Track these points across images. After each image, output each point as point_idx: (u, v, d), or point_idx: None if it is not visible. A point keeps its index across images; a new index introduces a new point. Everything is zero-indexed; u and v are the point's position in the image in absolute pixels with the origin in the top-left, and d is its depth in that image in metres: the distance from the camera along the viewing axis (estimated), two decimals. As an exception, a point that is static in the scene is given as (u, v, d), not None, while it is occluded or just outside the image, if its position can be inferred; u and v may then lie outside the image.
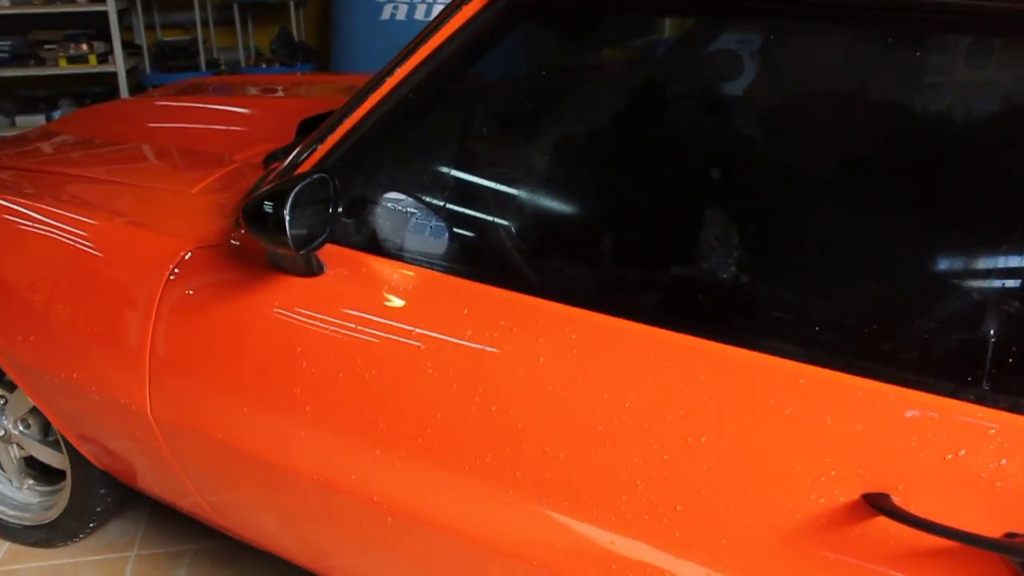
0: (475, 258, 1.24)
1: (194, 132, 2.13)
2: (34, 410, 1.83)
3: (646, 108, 1.24)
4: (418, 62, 1.22)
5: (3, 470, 2.00)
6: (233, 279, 1.33)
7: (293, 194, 1.11)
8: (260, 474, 1.36)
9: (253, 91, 2.59)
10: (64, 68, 4.45)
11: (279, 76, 3.09)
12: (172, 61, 4.57)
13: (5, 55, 4.53)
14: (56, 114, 4.58)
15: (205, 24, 4.77)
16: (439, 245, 1.23)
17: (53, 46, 4.50)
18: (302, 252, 1.14)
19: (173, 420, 1.41)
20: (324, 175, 1.17)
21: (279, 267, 1.29)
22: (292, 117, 2.07)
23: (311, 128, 1.42)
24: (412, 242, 1.24)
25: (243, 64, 4.65)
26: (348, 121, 1.27)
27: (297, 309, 1.27)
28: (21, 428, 1.89)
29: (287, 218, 1.10)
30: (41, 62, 4.51)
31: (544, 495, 1.07)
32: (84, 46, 4.45)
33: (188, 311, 1.36)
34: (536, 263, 1.20)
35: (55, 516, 1.94)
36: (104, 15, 4.38)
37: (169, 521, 2.09)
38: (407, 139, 1.26)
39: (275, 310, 1.28)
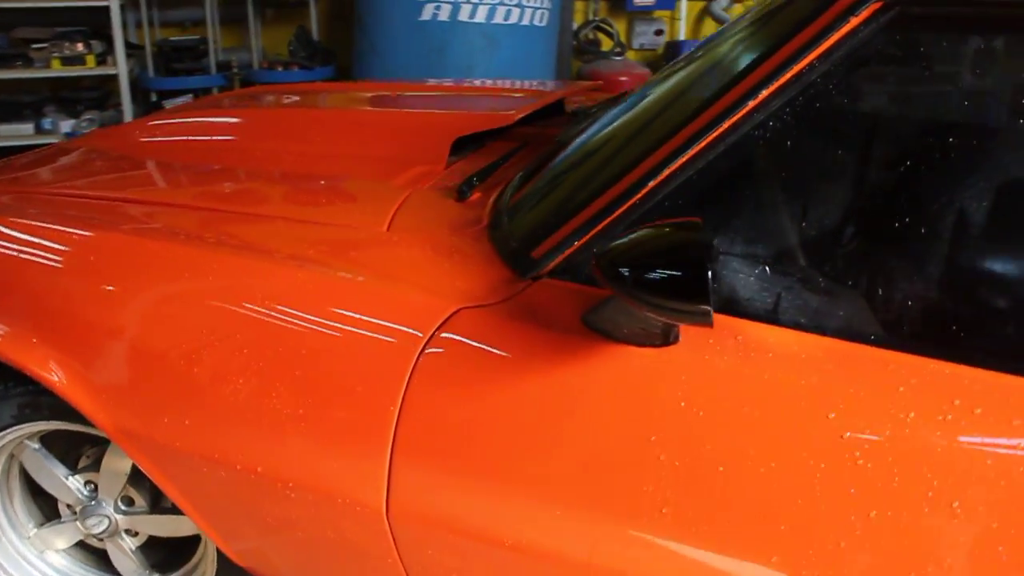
0: (900, 321, 0.98)
1: (313, 152, 1.81)
2: (131, 478, 1.50)
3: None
4: (779, 84, 0.95)
5: None
6: (531, 347, 1.04)
7: (704, 252, 0.85)
8: None
9: (339, 102, 2.27)
10: (58, 70, 4.01)
11: (348, 85, 2.75)
12: (178, 63, 4.16)
13: None
14: (46, 123, 4.13)
15: (205, 22, 4.37)
16: (840, 305, 0.97)
17: (43, 45, 4.06)
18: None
19: (422, 522, 1.12)
20: (697, 223, 0.90)
21: (603, 332, 1.01)
22: (422, 133, 1.80)
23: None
24: (799, 302, 0.97)
25: (256, 67, 4.28)
26: (675, 153, 0.99)
27: (647, 385, 1.00)
28: (124, 507, 1.55)
29: (709, 282, 0.83)
30: (29, 63, 4.06)
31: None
32: (80, 46, 4.02)
33: (462, 388, 1.07)
34: (995, 328, 0.94)
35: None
36: (96, 11, 3.96)
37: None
38: (775, 174, 1.00)
39: (607, 387, 1.01)
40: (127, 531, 1.55)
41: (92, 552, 1.66)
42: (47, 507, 1.65)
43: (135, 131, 2.07)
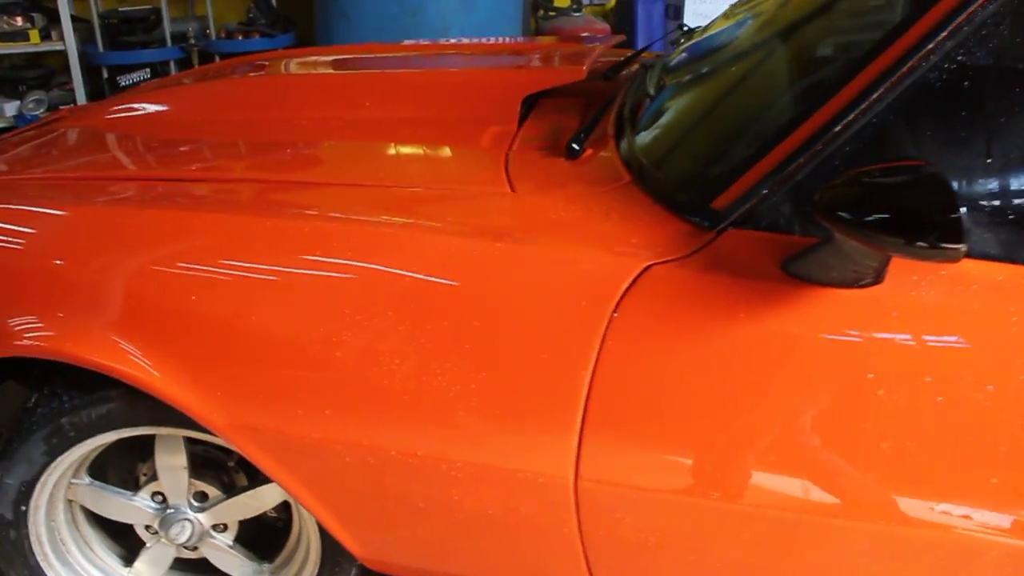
0: None
1: (366, 118, 1.71)
2: (193, 471, 1.42)
3: None
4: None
5: None
6: (732, 299, 1.01)
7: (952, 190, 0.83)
8: (758, 534, 1.08)
9: (371, 66, 2.14)
10: (-3, 48, 3.71)
11: (353, 48, 2.56)
12: (129, 36, 3.89)
13: None
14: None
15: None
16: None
17: None
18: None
19: (615, 490, 1.09)
20: (924, 164, 0.87)
21: (807, 277, 0.99)
22: (481, 92, 1.72)
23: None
24: (995, 234, 0.96)
25: (214, 37, 4.03)
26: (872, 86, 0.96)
27: (862, 325, 0.99)
28: (198, 503, 1.45)
29: (962, 219, 0.81)
30: None
31: None
32: (19, 19, 3.72)
33: (661, 345, 1.03)
34: None
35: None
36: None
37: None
38: (975, 100, 0.97)
39: (819, 330, 0.99)
40: (214, 527, 1.46)
41: (194, 568, 1.57)
42: (128, 542, 1.54)
43: (150, 106, 1.90)
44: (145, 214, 1.28)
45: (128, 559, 1.53)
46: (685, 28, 2.05)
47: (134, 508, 1.45)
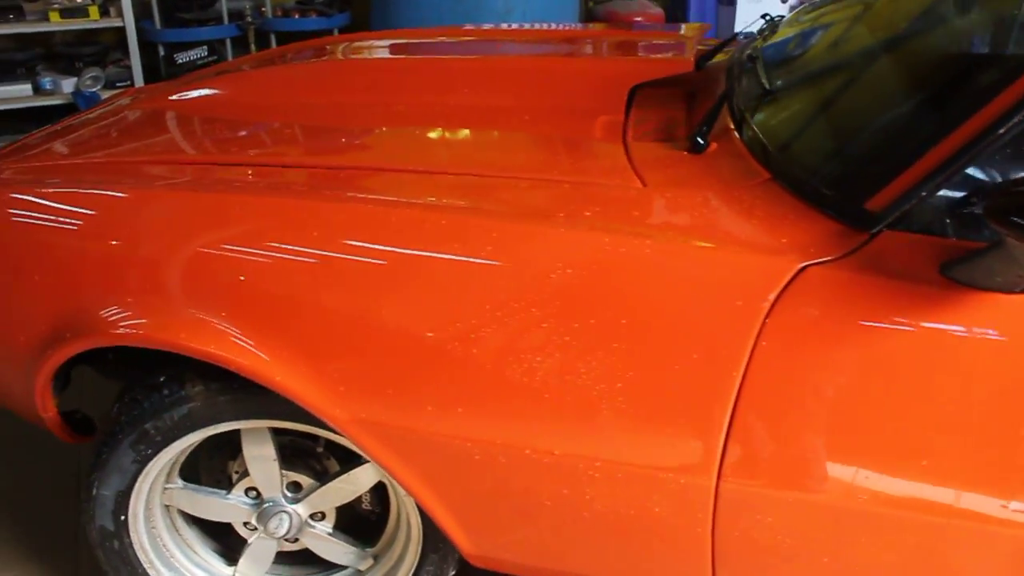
0: None
1: (468, 104, 1.69)
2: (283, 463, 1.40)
3: None
4: None
5: None
6: (892, 302, 0.99)
7: None
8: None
9: (461, 51, 2.11)
10: (57, 23, 3.69)
11: (423, 32, 2.50)
12: (186, 13, 3.88)
13: None
14: (45, 82, 3.81)
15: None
16: None
17: None
18: None
19: (758, 490, 1.08)
20: None
21: (969, 282, 0.96)
22: (586, 81, 1.69)
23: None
24: None
25: (270, 15, 4.01)
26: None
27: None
28: (293, 494, 1.44)
29: None
30: (22, 17, 3.73)
31: None
32: (78, -6, 3.71)
33: (817, 346, 1.02)
34: None
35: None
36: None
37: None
38: None
39: (985, 338, 0.98)
40: (312, 517, 1.45)
41: (297, 560, 1.56)
42: (230, 541, 1.54)
43: (218, 90, 1.87)
44: (263, 201, 1.25)
45: (231, 558, 1.53)
46: (769, 18, 2.00)
47: (230, 506, 1.44)
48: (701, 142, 1.32)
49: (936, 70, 1.20)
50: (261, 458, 1.38)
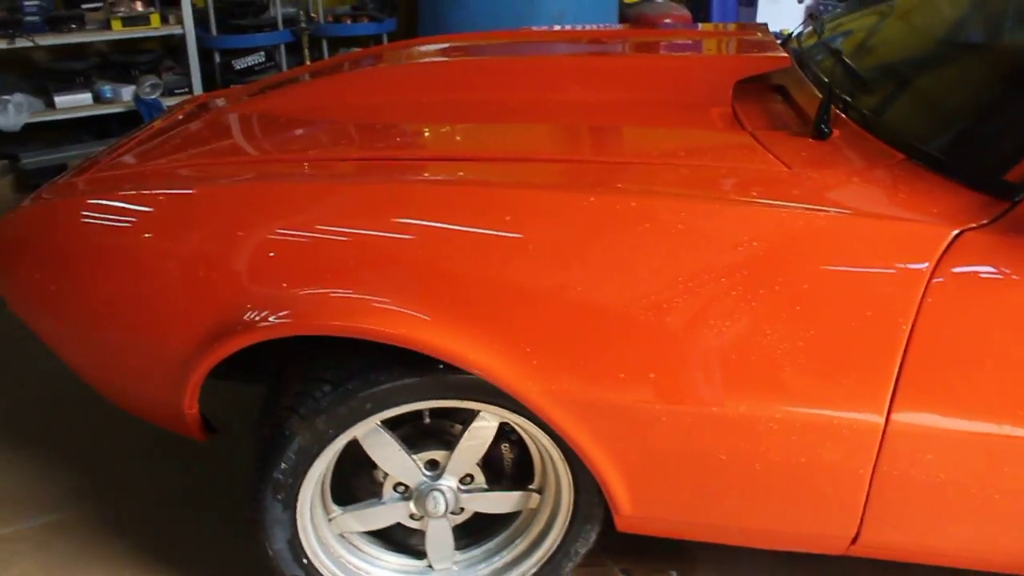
0: None
1: (592, 100, 1.80)
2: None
3: None
4: None
5: None
6: None
7: None
8: None
9: (568, 52, 2.23)
10: (119, 32, 3.78)
11: (514, 34, 2.60)
12: (241, 20, 3.99)
13: (35, 18, 3.74)
14: (105, 91, 3.89)
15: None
16: None
17: (97, 5, 3.84)
18: None
19: (921, 431, 1.22)
20: None
21: None
22: (690, 77, 1.81)
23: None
24: None
25: (322, 21, 4.12)
26: None
27: None
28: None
29: None
30: (83, 25, 3.82)
31: None
32: (138, 4, 3.81)
33: (976, 304, 1.16)
34: None
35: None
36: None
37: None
38: None
39: None
40: (462, 483, 1.51)
41: (479, 528, 1.62)
42: (406, 538, 1.61)
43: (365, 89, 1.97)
44: (457, 190, 1.34)
45: (418, 553, 1.59)
46: (817, 16, 2.14)
47: (389, 508, 1.51)
48: (826, 130, 1.43)
49: None
50: (388, 454, 1.44)
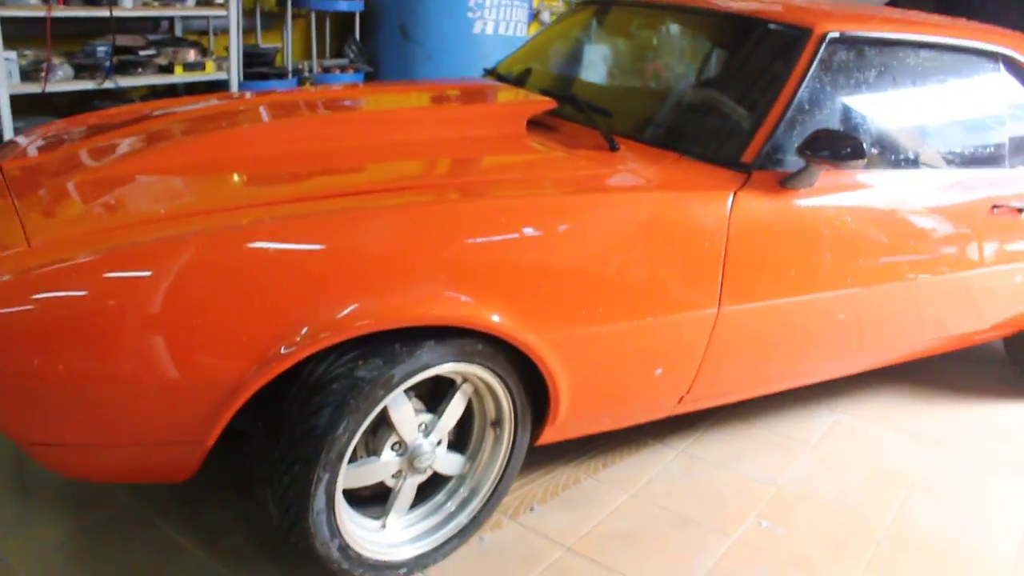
0: None
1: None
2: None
3: None
4: None
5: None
6: (763, 204, 2.14)
7: None
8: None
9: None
10: (179, 76, 4.68)
11: None
12: (257, 68, 5.15)
13: (106, 62, 4.37)
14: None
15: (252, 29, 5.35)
16: None
17: (149, 52, 4.67)
18: None
19: (739, 314, 2.13)
20: None
21: (792, 187, 2.17)
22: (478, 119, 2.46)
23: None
24: None
25: (315, 71, 5.41)
26: None
27: None
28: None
29: None
30: (147, 69, 4.56)
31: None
32: (192, 53, 4.79)
33: (753, 232, 2.14)
34: None
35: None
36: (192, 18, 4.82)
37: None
38: None
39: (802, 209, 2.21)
40: (438, 444, 1.93)
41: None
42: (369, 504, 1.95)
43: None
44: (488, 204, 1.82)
45: (376, 515, 1.95)
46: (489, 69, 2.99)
47: (383, 464, 1.84)
48: (618, 146, 2.24)
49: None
50: (406, 415, 1.81)
